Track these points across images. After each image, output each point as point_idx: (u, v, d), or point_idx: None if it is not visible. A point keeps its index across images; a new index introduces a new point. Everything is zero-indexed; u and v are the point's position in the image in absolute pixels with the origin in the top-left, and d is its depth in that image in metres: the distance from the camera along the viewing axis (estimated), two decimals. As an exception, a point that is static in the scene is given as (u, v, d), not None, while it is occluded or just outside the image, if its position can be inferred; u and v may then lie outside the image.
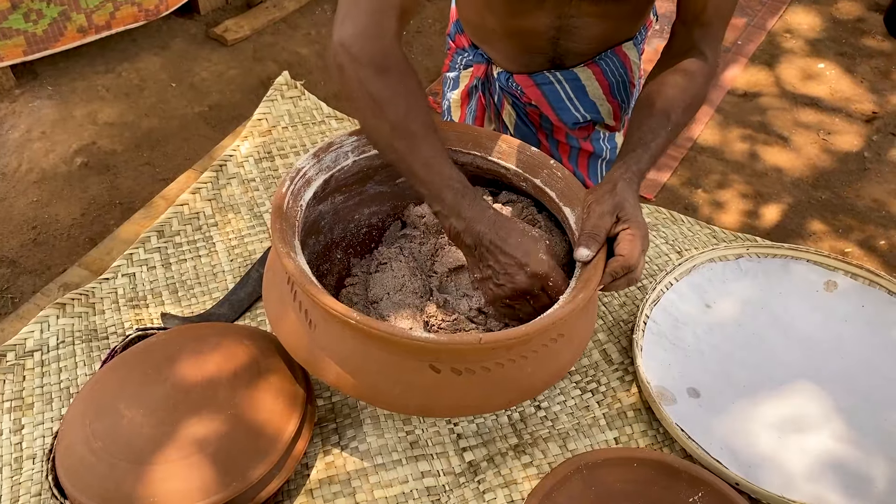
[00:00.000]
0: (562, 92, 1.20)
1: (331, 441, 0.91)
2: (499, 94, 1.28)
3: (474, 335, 0.75)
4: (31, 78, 2.78)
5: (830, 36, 3.32)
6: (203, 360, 0.89)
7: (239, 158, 1.28)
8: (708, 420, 0.94)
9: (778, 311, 1.07)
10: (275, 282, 0.87)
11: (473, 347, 0.76)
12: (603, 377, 0.99)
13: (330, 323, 0.79)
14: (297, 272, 0.78)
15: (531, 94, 1.22)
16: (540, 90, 1.21)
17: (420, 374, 0.78)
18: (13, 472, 0.88)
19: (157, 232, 1.15)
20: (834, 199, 2.59)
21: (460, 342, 0.76)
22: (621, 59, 1.19)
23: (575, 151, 1.30)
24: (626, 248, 0.84)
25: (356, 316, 0.74)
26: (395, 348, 0.77)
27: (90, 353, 1.00)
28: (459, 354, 0.77)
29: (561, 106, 1.22)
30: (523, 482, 0.88)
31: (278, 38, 3.17)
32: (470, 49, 1.26)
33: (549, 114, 1.24)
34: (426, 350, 0.76)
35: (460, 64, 1.30)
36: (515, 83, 1.22)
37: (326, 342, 0.80)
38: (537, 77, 1.19)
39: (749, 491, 0.85)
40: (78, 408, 0.86)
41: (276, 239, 0.81)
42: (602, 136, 1.30)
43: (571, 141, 1.30)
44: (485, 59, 1.25)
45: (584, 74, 1.19)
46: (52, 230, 2.35)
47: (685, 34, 1.03)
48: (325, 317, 0.79)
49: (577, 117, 1.23)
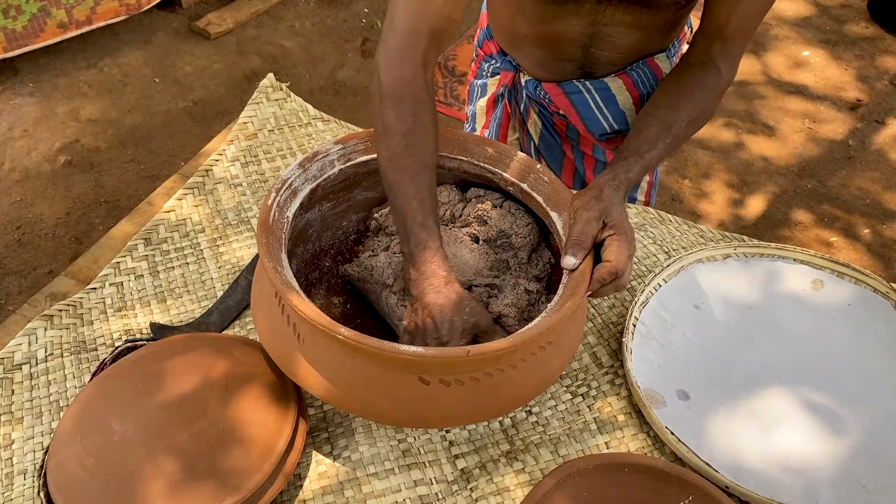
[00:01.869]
0: (591, 101, 1.18)
1: (323, 451, 0.91)
2: (525, 102, 1.26)
3: (462, 348, 0.76)
4: (11, 75, 2.74)
5: (815, 23, 3.33)
6: (193, 372, 0.88)
7: (225, 163, 1.27)
8: (698, 422, 0.95)
9: (766, 311, 1.08)
10: (263, 295, 0.87)
11: (461, 360, 0.76)
12: (593, 381, 1.00)
13: (318, 337, 0.79)
14: (283, 287, 0.77)
15: (559, 103, 1.20)
16: (568, 99, 1.19)
17: (409, 387, 0.78)
18: (4, 487, 0.88)
19: (144, 240, 1.14)
20: (819, 187, 2.61)
21: (448, 354, 0.77)
22: (653, 70, 1.17)
23: (601, 165, 1.29)
24: (613, 254, 0.84)
25: (344, 331, 0.74)
26: (383, 362, 0.77)
27: (79, 366, 0.99)
28: (448, 366, 0.78)
29: (589, 115, 1.20)
30: (515, 489, 0.88)
31: (262, 31, 3.14)
32: (498, 56, 1.25)
33: (577, 123, 1.22)
34: (414, 363, 0.76)
35: (488, 71, 1.28)
36: (544, 91, 1.20)
37: (315, 356, 0.80)
38: (566, 86, 1.18)
39: (739, 493, 0.86)
40: (68, 423, 0.85)
41: (263, 253, 0.81)
42: None
43: (597, 153, 1.28)
44: (513, 66, 1.23)
45: (615, 84, 1.17)
46: (36, 230, 2.34)
47: (704, 46, 1.02)
48: (312, 331, 0.79)
49: (605, 127, 1.21)
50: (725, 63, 1.02)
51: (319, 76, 2.98)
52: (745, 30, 1.01)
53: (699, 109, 0.99)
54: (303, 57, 3.06)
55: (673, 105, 0.98)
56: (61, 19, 2.68)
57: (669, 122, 0.96)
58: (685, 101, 0.99)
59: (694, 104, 0.99)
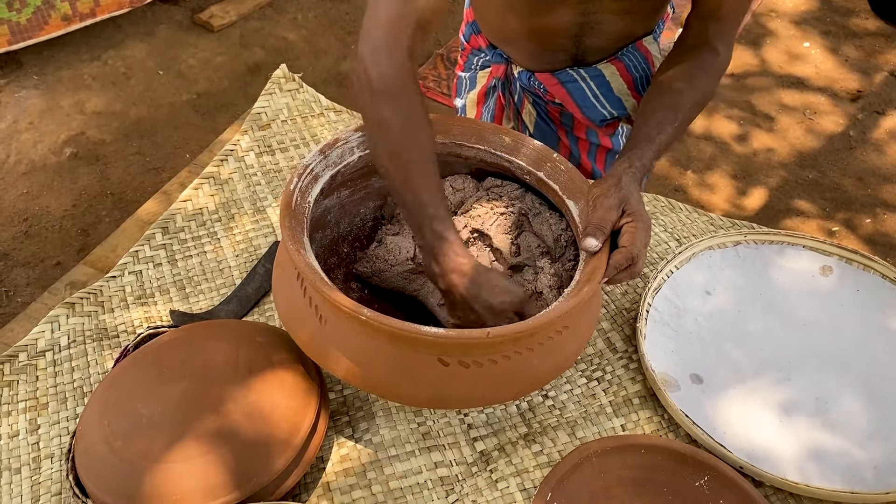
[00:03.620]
0: (587, 90, 1.20)
1: (344, 434, 0.93)
2: (519, 93, 1.28)
3: (481, 329, 0.77)
4: (15, 67, 2.75)
5: (815, 15, 3.34)
6: (217, 357, 0.90)
7: (239, 153, 1.28)
8: (711, 405, 0.97)
9: (776, 297, 1.09)
10: (285, 278, 0.88)
11: (481, 341, 0.77)
12: (608, 366, 1.01)
13: (340, 318, 0.80)
14: (307, 269, 0.79)
15: (555, 92, 1.21)
16: (565, 88, 1.20)
17: (429, 368, 0.79)
18: (32, 471, 0.89)
19: (162, 228, 1.15)
20: (821, 178, 2.63)
21: (468, 336, 0.78)
22: (643, 53, 1.19)
23: (594, 148, 1.31)
24: (629, 240, 0.86)
25: (367, 312, 0.76)
26: (404, 343, 0.78)
27: (101, 352, 1.00)
28: (467, 348, 0.79)
29: (587, 104, 1.22)
30: (534, 470, 0.90)
31: (265, 24, 3.15)
32: (488, 49, 1.26)
33: (575, 111, 1.23)
34: (435, 344, 0.78)
35: (477, 65, 1.29)
36: (538, 81, 1.21)
37: (336, 337, 0.82)
38: (561, 75, 1.19)
39: (753, 474, 0.88)
40: (95, 407, 0.87)
41: (286, 236, 0.82)
42: (620, 131, 1.30)
43: (591, 137, 1.30)
44: (504, 58, 1.24)
45: (608, 71, 1.19)
46: (43, 222, 2.34)
47: (700, 29, 1.03)
48: (335, 312, 0.80)
49: (605, 114, 1.23)
50: (722, 43, 1.04)
51: (322, 68, 2.99)
52: (738, 9, 1.03)
53: (701, 91, 1.01)
54: (306, 49, 3.07)
55: (676, 89, 1.00)
56: (65, 12, 2.68)
57: (675, 106, 0.98)
58: (687, 84, 1.00)
59: (696, 86, 1.00)
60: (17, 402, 0.95)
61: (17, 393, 0.96)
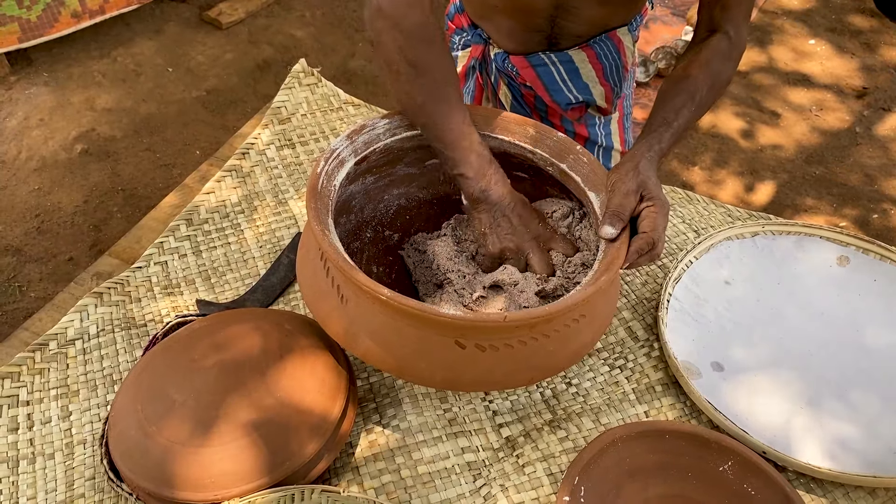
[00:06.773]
0: (556, 73, 1.24)
1: (372, 420, 0.94)
2: (495, 74, 1.30)
3: (499, 313, 0.78)
4: (25, 65, 2.76)
5: (821, 12, 3.36)
6: (246, 343, 0.91)
7: (260, 146, 1.29)
8: (732, 392, 0.98)
9: (794, 287, 1.11)
10: (309, 259, 0.90)
11: (498, 325, 0.78)
12: (630, 354, 1.03)
13: (361, 298, 0.81)
14: (330, 249, 0.80)
15: (526, 75, 1.25)
16: (535, 71, 1.24)
17: (446, 350, 0.80)
18: (65, 457, 0.91)
19: (186, 220, 1.17)
20: (827, 174, 2.64)
21: (486, 320, 0.79)
22: (615, 43, 1.22)
23: (570, 136, 1.33)
24: (650, 225, 0.87)
25: (386, 292, 0.77)
26: (423, 324, 0.79)
27: (130, 341, 1.02)
28: (484, 331, 0.80)
29: (555, 87, 1.25)
30: (560, 456, 0.92)
31: (272, 21, 3.16)
32: (469, 29, 1.29)
33: (543, 94, 1.27)
34: (453, 326, 0.79)
35: (459, 44, 1.32)
36: (511, 64, 1.25)
37: (357, 316, 0.83)
38: (532, 58, 1.23)
39: (776, 459, 0.89)
40: (127, 394, 0.88)
41: (311, 217, 0.83)
42: (598, 122, 1.32)
43: (566, 125, 1.33)
44: (482, 39, 1.28)
45: (578, 57, 1.22)
46: (55, 218, 2.36)
47: (709, 17, 1.05)
48: (356, 292, 0.81)
49: (570, 98, 1.27)
50: (732, 27, 1.05)
51: (331, 65, 3.00)
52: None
53: (715, 74, 1.03)
54: (314, 46, 3.08)
55: (693, 74, 1.01)
56: (74, 9, 2.70)
57: (692, 90, 1.00)
58: (703, 69, 1.02)
59: (711, 70, 1.02)
60: (49, 389, 0.97)
61: (48, 381, 0.97)
